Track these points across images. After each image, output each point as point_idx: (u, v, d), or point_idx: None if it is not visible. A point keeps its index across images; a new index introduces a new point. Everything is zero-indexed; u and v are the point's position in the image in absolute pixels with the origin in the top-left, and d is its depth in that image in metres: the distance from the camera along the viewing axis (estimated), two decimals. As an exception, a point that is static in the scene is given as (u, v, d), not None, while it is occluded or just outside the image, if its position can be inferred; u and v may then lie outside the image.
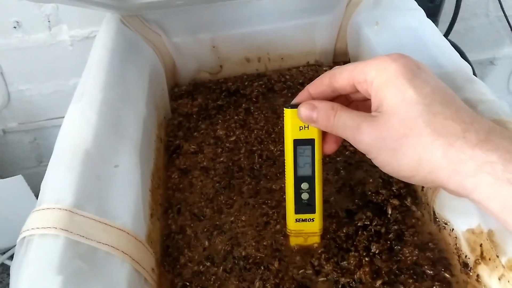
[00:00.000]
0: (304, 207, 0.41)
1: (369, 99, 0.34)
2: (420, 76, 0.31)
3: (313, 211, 0.41)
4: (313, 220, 0.42)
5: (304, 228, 0.42)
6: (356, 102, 0.38)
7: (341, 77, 0.35)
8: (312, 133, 0.39)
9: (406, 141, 0.30)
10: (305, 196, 0.41)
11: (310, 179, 0.40)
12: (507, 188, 0.26)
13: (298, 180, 0.41)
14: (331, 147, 0.39)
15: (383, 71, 0.32)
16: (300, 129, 0.39)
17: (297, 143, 0.39)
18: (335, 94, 0.37)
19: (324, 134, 0.39)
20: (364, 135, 0.32)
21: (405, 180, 0.33)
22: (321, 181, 0.41)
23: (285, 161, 0.41)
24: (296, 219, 0.42)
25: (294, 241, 0.44)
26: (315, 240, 0.44)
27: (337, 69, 0.35)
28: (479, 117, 0.30)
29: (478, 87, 0.42)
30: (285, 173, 0.41)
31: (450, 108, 0.30)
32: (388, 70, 0.32)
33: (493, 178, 0.27)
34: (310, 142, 0.39)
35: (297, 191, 0.41)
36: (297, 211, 0.42)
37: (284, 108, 0.39)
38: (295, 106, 0.38)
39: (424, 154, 0.30)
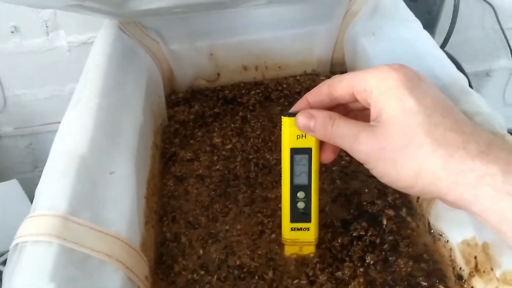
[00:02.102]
0: (299, 216, 0.41)
1: (368, 109, 0.34)
2: (421, 86, 0.31)
3: (309, 220, 0.41)
4: (309, 230, 0.42)
5: (300, 237, 0.42)
6: (355, 111, 0.38)
7: (340, 86, 0.35)
8: (309, 142, 0.39)
9: (406, 151, 0.30)
10: (301, 205, 0.41)
11: (307, 188, 0.40)
12: (507, 200, 0.26)
13: (294, 188, 0.41)
14: (328, 157, 0.39)
15: (383, 81, 0.32)
16: (297, 137, 0.39)
17: (294, 151, 0.39)
18: (333, 103, 0.37)
19: (321, 143, 0.39)
20: (363, 145, 0.32)
21: (403, 191, 0.33)
22: (317, 190, 0.41)
23: (282, 170, 0.41)
24: (291, 228, 0.42)
25: (289, 250, 0.44)
26: (310, 249, 0.43)
27: (336, 78, 0.35)
28: (479, 128, 0.30)
29: (474, 99, 0.42)
30: (282, 181, 0.41)
31: (450, 119, 0.30)
32: (388, 79, 0.32)
33: (493, 190, 0.27)
34: (307, 151, 0.39)
35: (293, 199, 0.41)
36: (292, 220, 0.41)
37: (282, 117, 0.39)
38: (293, 114, 0.38)
39: (424, 165, 0.29)
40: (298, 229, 0.42)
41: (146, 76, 0.58)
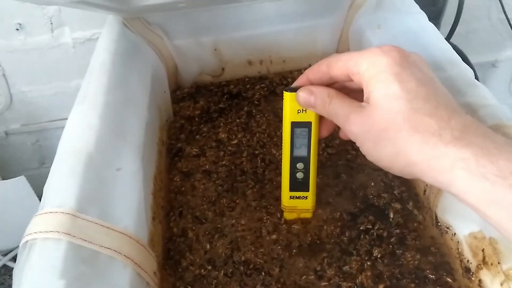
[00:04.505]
0: (298, 185, 0.43)
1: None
2: (408, 69, 0.32)
3: (307, 190, 0.43)
4: (307, 198, 0.44)
5: (298, 205, 0.44)
6: (354, 90, 0.39)
7: (336, 66, 0.36)
8: (309, 117, 0.40)
9: (386, 134, 0.32)
10: (300, 175, 0.43)
11: (305, 160, 0.42)
12: (481, 182, 0.27)
13: (294, 160, 0.42)
14: (322, 133, 0.41)
15: (373, 65, 0.33)
16: (298, 112, 0.40)
17: (295, 125, 0.41)
18: (332, 81, 0.38)
19: (321, 117, 0.40)
20: (352, 125, 0.34)
21: (386, 170, 0.34)
22: (316, 161, 0.42)
23: (283, 142, 0.42)
24: (290, 196, 0.44)
25: (288, 216, 0.46)
26: (307, 215, 0.46)
27: (333, 57, 0.37)
28: (458, 113, 0.31)
29: (480, 92, 0.42)
30: (282, 153, 0.43)
31: (431, 104, 0.31)
32: (377, 63, 0.33)
33: (467, 173, 0.28)
34: (307, 124, 0.41)
35: (293, 170, 0.43)
36: (291, 189, 0.43)
37: (284, 91, 0.40)
38: (294, 89, 0.39)
39: (401, 149, 0.31)
40: (296, 198, 0.44)
41: (151, 72, 0.58)
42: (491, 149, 0.28)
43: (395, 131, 0.31)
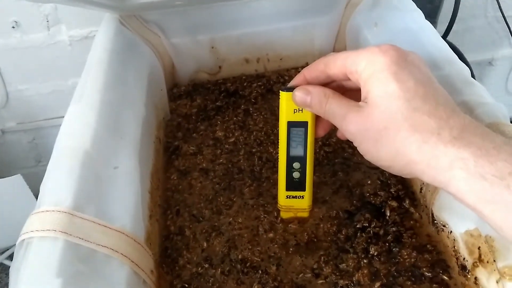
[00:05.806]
0: (295, 185, 0.43)
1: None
2: (406, 69, 0.32)
3: (303, 189, 0.43)
4: (303, 198, 0.44)
5: (294, 204, 0.44)
6: (351, 89, 0.39)
7: (334, 65, 0.36)
8: (305, 116, 0.40)
9: (386, 133, 0.32)
10: (296, 175, 0.43)
11: (302, 159, 0.42)
12: (480, 182, 0.27)
13: (290, 159, 0.42)
14: (318, 133, 0.41)
15: (371, 64, 0.33)
16: (294, 111, 0.40)
17: (291, 124, 0.41)
18: (329, 80, 0.38)
19: (317, 118, 0.40)
20: (350, 125, 0.34)
21: (385, 169, 0.34)
22: (312, 161, 0.42)
23: (279, 141, 0.42)
24: (287, 196, 0.44)
25: (284, 216, 0.46)
26: (304, 215, 0.46)
27: (331, 56, 0.37)
28: (456, 113, 0.31)
29: (477, 90, 0.42)
30: (279, 152, 0.43)
31: (430, 103, 0.31)
32: (375, 63, 0.33)
33: (465, 173, 0.28)
34: (303, 124, 0.41)
35: (289, 170, 0.43)
36: (288, 188, 0.44)
37: (280, 91, 0.40)
38: (291, 89, 0.39)
39: (401, 148, 0.31)
40: (293, 197, 0.44)
41: (147, 70, 0.58)
42: (490, 149, 0.28)
43: (394, 131, 0.31)
